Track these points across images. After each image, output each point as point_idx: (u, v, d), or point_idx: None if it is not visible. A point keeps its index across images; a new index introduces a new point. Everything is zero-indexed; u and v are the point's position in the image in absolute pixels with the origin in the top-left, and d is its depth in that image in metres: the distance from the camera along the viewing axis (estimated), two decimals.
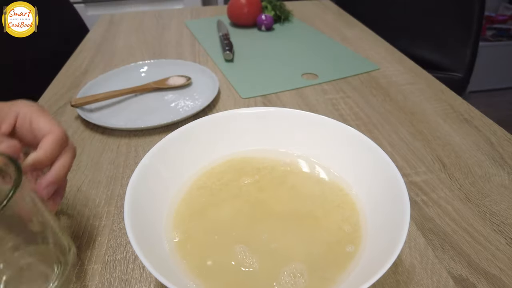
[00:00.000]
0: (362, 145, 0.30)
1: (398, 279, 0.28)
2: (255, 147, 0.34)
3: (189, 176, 0.31)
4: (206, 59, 0.66)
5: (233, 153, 0.33)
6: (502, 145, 0.42)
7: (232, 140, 0.34)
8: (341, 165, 0.31)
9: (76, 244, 0.31)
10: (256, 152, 0.34)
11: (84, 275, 0.28)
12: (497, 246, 0.30)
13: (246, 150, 0.34)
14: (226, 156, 0.33)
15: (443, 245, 0.30)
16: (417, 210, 0.34)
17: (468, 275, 0.28)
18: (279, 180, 0.31)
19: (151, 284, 0.28)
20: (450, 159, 0.40)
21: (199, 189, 0.30)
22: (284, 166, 0.33)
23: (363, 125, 0.46)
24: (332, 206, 0.29)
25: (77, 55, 0.69)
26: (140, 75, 0.59)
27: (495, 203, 0.34)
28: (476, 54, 0.86)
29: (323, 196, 0.30)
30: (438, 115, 0.48)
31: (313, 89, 0.55)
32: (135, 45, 0.73)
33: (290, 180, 0.31)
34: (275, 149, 0.34)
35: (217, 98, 0.52)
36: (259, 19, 0.76)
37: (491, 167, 0.39)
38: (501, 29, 1.70)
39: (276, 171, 0.32)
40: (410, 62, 0.63)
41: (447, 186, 0.36)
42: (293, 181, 0.31)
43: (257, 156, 0.33)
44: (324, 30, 0.77)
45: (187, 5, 1.43)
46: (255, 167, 0.32)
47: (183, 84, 0.55)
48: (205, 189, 0.30)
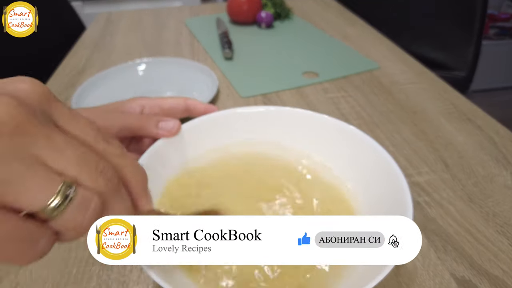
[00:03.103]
0: (363, 145, 0.29)
1: (400, 281, 0.27)
2: (255, 146, 0.33)
3: (189, 176, 0.31)
4: (205, 57, 0.65)
5: (233, 153, 0.33)
6: (506, 145, 0.42)
7: (232, 139, 0.33)
8: (341, 165, 0.31)
9: (74, 245, 0.30)
10: (256, 152, 0.33)
11: (81, 277, 0.28)
12: (500, 247, 0.30)
13: (246, 149, 0.33)
14: (226, 156, 0.33)
15: (446, 246, 0.30)
16: (420, 211, 0.33)
17: (470, 276, 0.28)
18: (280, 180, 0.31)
19: (148, 286, 0.27)
20: (452, 159, 0.40)
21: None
22: (283, 166, 0.32)
23: (364, 124, 0.46)
24: (332, 205, 0.28)
25: (74, 53, 0.68)
26: (138, 73, 0.58)
27: (498, 203, 0.34)
28: (479, 52, 0.86)
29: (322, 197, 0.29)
30: (440, 115, 0.47)
31: (313, 87, 0.54)
32: (133, 43, 0.72)
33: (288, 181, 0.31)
34: (275, 149, 0.33)
35: (217, 97, 0.52)
36: (259, 17, 0.76)
37: (494, 167, 0.38)
38: (504, 28, 1.70)
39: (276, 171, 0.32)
40: (412, 61, 0.62)
41: (449, 187, 0.36)
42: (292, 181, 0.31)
43: (257, 156, 0.33)
44: (324, 28, 0.77)
45: (186, 3, 1.43)
46: (256, 165, 0.32)
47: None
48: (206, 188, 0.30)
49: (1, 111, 0.12)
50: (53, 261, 0.29)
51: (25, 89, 0.14)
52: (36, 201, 0.13)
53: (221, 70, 0.60)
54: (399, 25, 0.92)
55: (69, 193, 0.13)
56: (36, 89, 0.14)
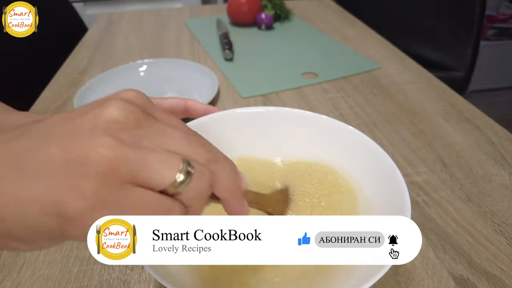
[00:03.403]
0: (362, 145, 0.30)
1: (398, 280, 0.28)
2: (255, 146, 0.34)
3: None
4: (205, 58, 0.65)
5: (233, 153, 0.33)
6: (503, 144, 0.42)
7: (231, 139, 0.33)
8: (341, 165, 0.31)
9: (75, 244, 0.31)
10: (256, 152, 0.33)
11: (82, 276, 0.28)
12: (498, 246, 0.30)
13: (246, 149, 0.33)
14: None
15: (444, 246, 0.30)
16: (418, 210, 0.34)
17: (469, 275, 0.28)
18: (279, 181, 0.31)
19: (150, 285, 0.27)
20: (451, 159, 0.40)
21: None
22: (283, 166, 0.32)
23: (363, 124, 0.46)
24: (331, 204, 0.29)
25: (75, 54, 0.68)
26: (139, 74, 0.59)
27: (496, 203, 0.34)
28: (477, 53, 0.86)
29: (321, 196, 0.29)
30: (439, 115, 0.48)
31: (313, 88, 0.55)
32: (134, 44, 0.73)
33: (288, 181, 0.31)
34: (275, 148, 0.34)
35: (217, 98, 0.52)
36: (259, 18, 0.76)
37: (492, 167, 0.39)
38: (502, 28, 1.70)
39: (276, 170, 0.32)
40: (411, 61, 0.62)
41: (448, 186, 0.36)
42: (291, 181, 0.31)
43: (257, 155, 0.33)
44: (324, 28, 0.77)
45: (187, 4, 1.43)
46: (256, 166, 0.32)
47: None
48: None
49: (124, 111, 0.16)
50: (54, 260, 0.29)
51: (132, 95, 0.17)
52: (166, 178, 0.15)
53: (222, 71, 0.60)
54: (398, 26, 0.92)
55: (189, 169, 0.16)
56: (140, 95, 0.17)
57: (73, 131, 0.15)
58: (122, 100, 0.16)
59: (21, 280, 0.28)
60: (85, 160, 0.14)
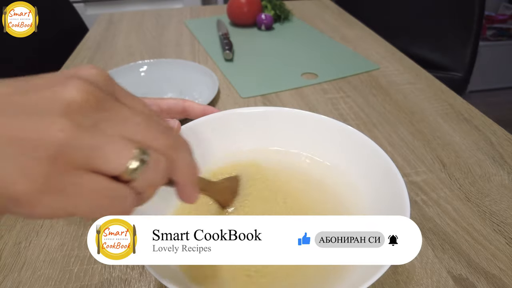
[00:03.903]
0: (362, 145, 0.30)
1: (398, 279, 0.28)
2: (255, 146, 0.34)
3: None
4: (205, 58, 0.65)
5: (233, 153, 0.33)
6: (502, 144, 0.42)
7: (231, 139, 0.34)
8: (340, 165, 0.31)
9: (76, 243, 0.31)
10: (256, 152, 0.34)
11: (83, 275, 0.28)
12: (497, 245, 0.30)
13: (246, 149, 0.34)
14: (226, 156, 0.33)
15: (443, 245, 0.30)
16: (417, 210, 0.34)
17: (467, 274, 0.28)
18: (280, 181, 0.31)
19: (150, 284, 0.27)
20: (450, 158, 0.40)
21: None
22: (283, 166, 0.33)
23: (363, 124, 0.46)
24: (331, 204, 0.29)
25: (76, 54, 0.68)
26: (139, 74, 0.59)
27: (495, 202, 0.34)
28: (476, 53, 0.86)
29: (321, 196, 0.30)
30: (438, 115, 0.48)
31: (313, 88, 0.55)
32: (134, 44, 0.73)
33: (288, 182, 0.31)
34: (275, 148, 0.34)
35: (217, 98, 0.52)
36: (259, 19, 0.76)
37: (491, 167, 0.39)
38: (501, 29, 1.70)
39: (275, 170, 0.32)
40: (410, 62, 0.63)
41: (447, 186, 0.36)
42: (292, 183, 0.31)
43: (258, 156, 0.33)
44: (324, 29, 0.77)
45: (187, 4, 1.43)
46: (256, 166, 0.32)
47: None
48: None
49: (83, 92, 0.15)
50: (55, 259, 0.29)
51: (93, 73, 0.16)
52: (118, 165, 0.15)
53: (222, 71, 0.60)
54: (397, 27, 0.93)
55: (144, 157, 0.16)
56: (101, 73, 0.16)
57: (27, 107, 0.14)
58: (82, 80, 0.15)
59: (21, 280, 0.28)
60: (37, 142, 0.14)
